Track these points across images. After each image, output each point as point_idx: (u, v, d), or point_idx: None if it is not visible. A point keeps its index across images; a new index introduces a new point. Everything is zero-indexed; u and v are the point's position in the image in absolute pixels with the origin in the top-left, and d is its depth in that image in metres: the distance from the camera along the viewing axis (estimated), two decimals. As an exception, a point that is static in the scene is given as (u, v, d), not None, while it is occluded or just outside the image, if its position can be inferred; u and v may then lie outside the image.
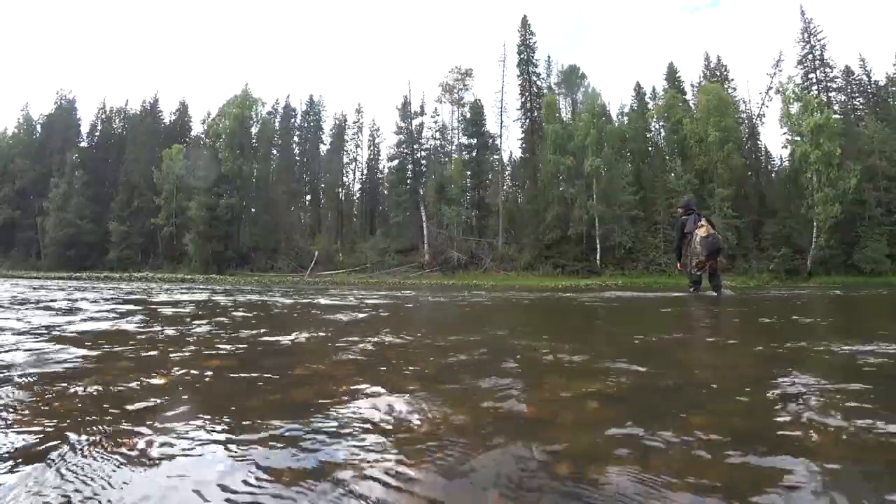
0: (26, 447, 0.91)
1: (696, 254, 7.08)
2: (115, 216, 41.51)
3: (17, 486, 0.75)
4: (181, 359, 1.91)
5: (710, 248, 6.97)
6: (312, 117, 49.72)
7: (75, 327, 2.93)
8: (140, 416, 1.11)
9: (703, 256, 7.03)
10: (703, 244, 6.94)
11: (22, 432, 0.99)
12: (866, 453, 0.87)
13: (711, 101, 31.15)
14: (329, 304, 5.92)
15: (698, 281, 7.48)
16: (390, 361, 1.91)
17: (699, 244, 6.99)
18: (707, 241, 6.95)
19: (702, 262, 7.15)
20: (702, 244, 6.94)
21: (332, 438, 0.96)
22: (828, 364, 1.89)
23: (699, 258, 7.11)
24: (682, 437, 0.93)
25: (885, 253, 27.28)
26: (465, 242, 36.05)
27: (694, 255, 7.17)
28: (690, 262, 7.31)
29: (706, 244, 6.94)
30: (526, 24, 39.79)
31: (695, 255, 7.14)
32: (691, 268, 7.34)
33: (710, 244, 6.96)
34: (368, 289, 13.45)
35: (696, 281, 7.49)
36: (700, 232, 7.04)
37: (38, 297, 6.30)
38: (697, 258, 7.14)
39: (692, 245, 7.15)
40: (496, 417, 1.10)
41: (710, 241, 6.99)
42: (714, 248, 7.04)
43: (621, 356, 1.91)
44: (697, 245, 7.02)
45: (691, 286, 7.60)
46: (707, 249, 6.94)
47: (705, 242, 6.95)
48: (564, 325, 4.23)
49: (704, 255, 7.02)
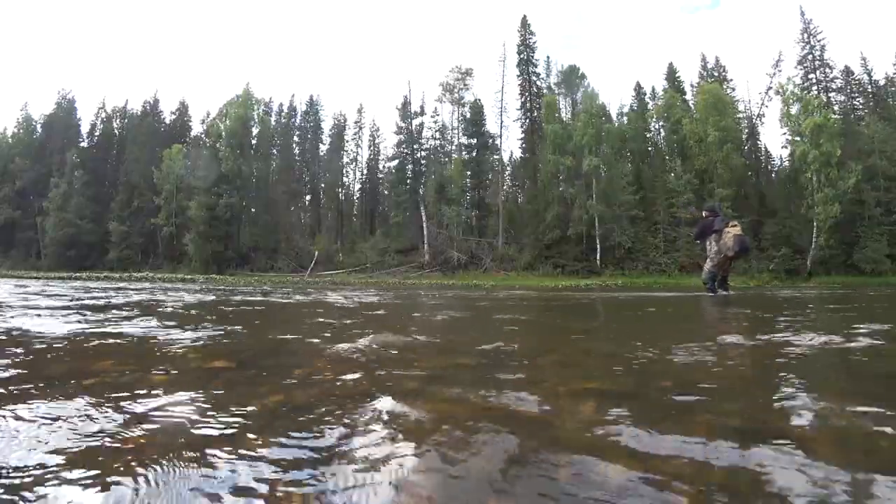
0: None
1: (728, 248, 7.42)
2: (115, 216, 41.53)
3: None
4: (181, 359, 1.91)
5: (742, 245, 7.43)
6: (312, 117, 49.76)
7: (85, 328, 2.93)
8: (141, 416, 1.11)
9: (732, 252, 7.43)
10: (736, 241, 7.36)
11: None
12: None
13: (710, 100, 31.17)
14: (329, 303, 5.92)
15: (714, 279, 7.77)
16: (390, 361, 1.91)
17: (731, 240, 7.38)
18: (739, 239, 7.41)
19: (726, 258, 7.55)
20: (734, 241, 7.36)
21: (333, 438, 0.96)
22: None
23: (727, 254, 7.48)
24: (683, 437, 0.93)
25: (885, 253, 27.29)
26: (465, 242, 36.06)
27: (724, 251, 7.48)
28: (714, 259, 7.63)
29: (738, 241, 7.37)
30: (526, 24, 39.83)
31: (725, 250, 7.46)
32: (712, 266, 7.67)
33: (741, 241, 7.43)
34: (369, 289, 13.45)
35: (713, 279, 7.78)
36: (734, 230, 7.46)
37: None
38: (725, 255, 7.49)
39: (722, 241, 7.49)
40: (496, 417, 1.10)
41: (742, 238, 7.48)
42: (745, 246, 7.55)
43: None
44: (729, 241, 7.39)
45: (708, 285, 7.86)
46: (739, 246, 7.37)
47: (738, 240, 7.38)
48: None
49: (734, 252, 7.43)
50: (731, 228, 7.50)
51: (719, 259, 7.59)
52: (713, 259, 7.65)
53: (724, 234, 7.49)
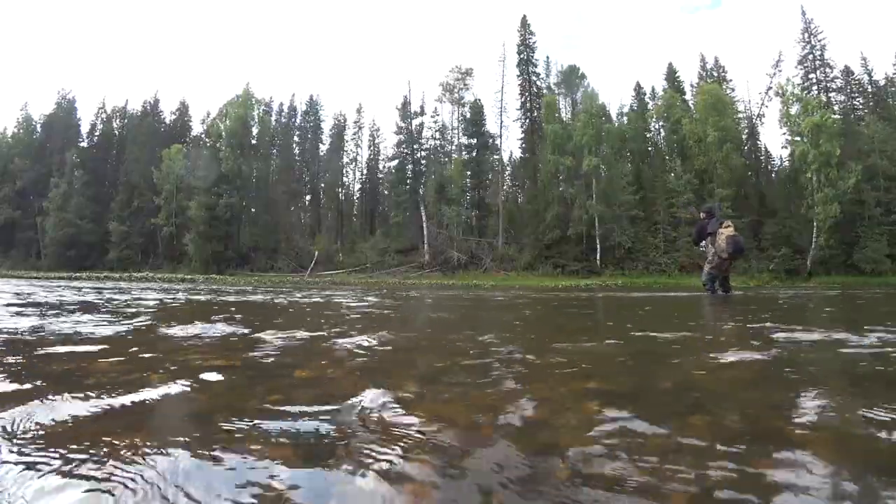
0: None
1: (721, 250, 7.38)
2: (115, 216, 41.55)
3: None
4: (182, 358, 1.90)
5: (735, 246, 7.36)
6: (312, 117, 49.79)
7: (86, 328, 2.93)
8: (140, 416, 1.11)
9: (726, 254, 7.36)
10: (729, 242, 7.31)
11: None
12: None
13: (709, 101, 31.19)
14: (329, 303, 5.92)
15: (713, 280, 7.75)
16: (390, 361, 1.90)
17: (724, 241, 7.33)
18: (732, 240, 7.35)
19: (723, 260, 7.48)
20: (727, 241, 7.31)
21: (333, 439, 0.95)
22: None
23: (722, 256, 7.43)
24: (683, 438, 0.93)
25: (885, 253, 27.29)
26: (465, 242, 36.07)
27: (719, 253, 7.45)
28: (712, 262, 7.60)
29: (731, 242, 7.31)
30: (525, 24, 39.85)
31: (719, 252, 7.43)
32: (711, 267, 7.62)
33: (735, 242, 7.37)
34: (369, 289, 13.46)
35: (712, 280, 7.76)
36: (727, 231, 7.41)
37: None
38: (720, 256, 7.44)
39: (716, 244, 7.45)
40: (496, 417, 1.10)
41: (735, 239, 7.41)
42: (738, 246, 7.47)
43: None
44: (722, 243, 7.34)
45: (707, 286, 7.83)
46: (732, 247, 7.31)
47: (731, 240, 7.33)
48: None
49: (728, 253, 7.35)
50: (724, 230, 7.45)
51: (716, 261, 7.56)
52: (711, 261, 7.65)
53: (718, 236, 7.47)
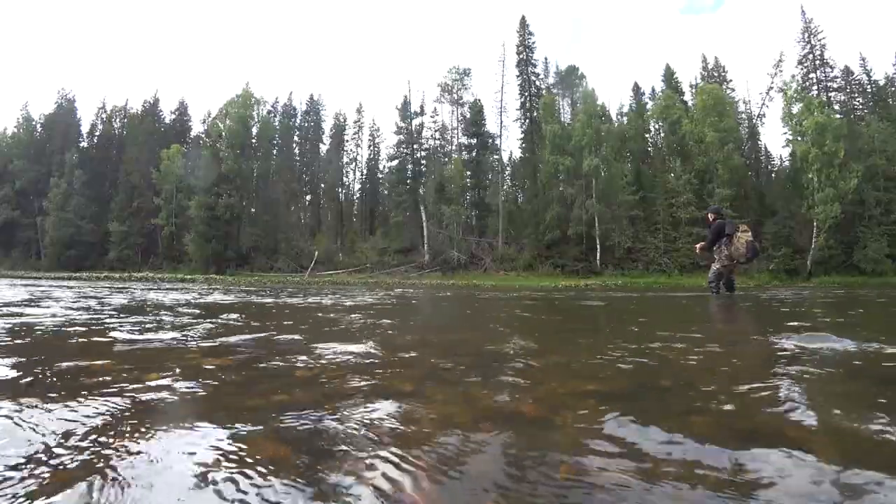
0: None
1: (740, 255, 7.68)
2: (115, 216, 41.52)
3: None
4: (181, 358, 1.91)
5: (754, 251, 7.74)
6: (312, 117, 49.76)
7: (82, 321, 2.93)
8: (141, 415, 1.11)
9: (745, 259, 7.76)
10: (749, 247, 7.64)
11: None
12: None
13: (708, 101, 31.16)
14: (329, 304, 5.92)
15: (719, 279, 7.96)
16: (391, 361, 1.91)
17: (744, 246, 7.64)
18: (752, 245, 7.69)
19: (738, 263, 7.84)
20: (747, 247, 7.64)
21: (333, 438, 0.96)
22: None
23: (739, 260, 7.77)
24: (682, 438, 0.93)
25: (885, 253, 27.26)
26: (464, 242, 36.06)
27: (735, 256, 7.72)
28: (724, 261, 7.82)
29: (751, 247, 7.66)
30: (525, 24, 39.82)
31: (737, 256, 7.71)
32: (721, 267, 7.85)
33: (754, 248, 7.74)
34: (368, 288, 13.46)
35: (718, 279, 7.96)
36: (745, 236, 7.71)
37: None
38: (737, 260, 7.76)
39: (734, 247, 7.71)
40: (495, 417, 1.10)
41: (754, 245, 7.77)
42: (756, 252, 7.87)
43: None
44: (742, 247, 7.64)
45: (712, 285, 8.00)
46: (751, 252, 7.67)
47: (750, 246, 7.66)
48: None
49: (746, 258, 7.74)
50: (742, 234, 7.72)
51: (728, 263, 7.78)
52: (722, 262, 7.81)
53: (736, 240, 7.70)
